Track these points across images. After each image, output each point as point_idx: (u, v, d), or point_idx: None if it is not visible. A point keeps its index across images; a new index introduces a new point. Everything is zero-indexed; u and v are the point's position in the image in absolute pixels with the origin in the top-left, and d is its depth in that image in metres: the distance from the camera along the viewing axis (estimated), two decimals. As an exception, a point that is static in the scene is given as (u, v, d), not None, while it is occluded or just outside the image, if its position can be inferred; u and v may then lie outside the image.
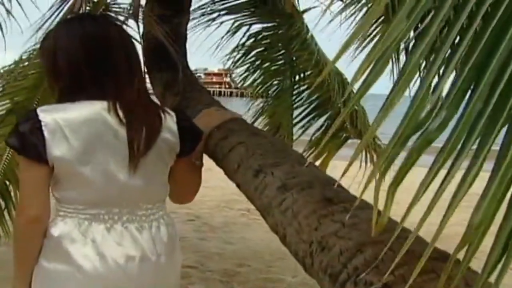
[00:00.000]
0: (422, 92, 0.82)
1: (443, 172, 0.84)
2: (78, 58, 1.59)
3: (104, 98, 1.58)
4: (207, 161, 1.97)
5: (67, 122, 1.54)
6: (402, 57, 2.78)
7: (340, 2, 3.62)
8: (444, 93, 0.83)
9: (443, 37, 0.82)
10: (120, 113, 1.57)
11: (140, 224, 1.64)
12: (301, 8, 4.01)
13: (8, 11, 3.22)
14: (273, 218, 1.46)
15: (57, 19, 2.87)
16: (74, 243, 1.58)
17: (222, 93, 65.55)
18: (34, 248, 1.61)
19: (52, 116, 1.54)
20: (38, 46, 3.34)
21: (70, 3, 2.85)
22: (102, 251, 1.58)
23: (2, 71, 3.74)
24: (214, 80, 77.00)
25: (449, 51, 0.83)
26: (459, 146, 0.81)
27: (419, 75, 0.92)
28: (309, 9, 3.81)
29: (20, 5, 3.29)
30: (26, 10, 3.35)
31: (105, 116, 1.57)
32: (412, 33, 0.92)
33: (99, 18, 1.85)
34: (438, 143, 0.85)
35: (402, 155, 0.87)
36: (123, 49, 1.65)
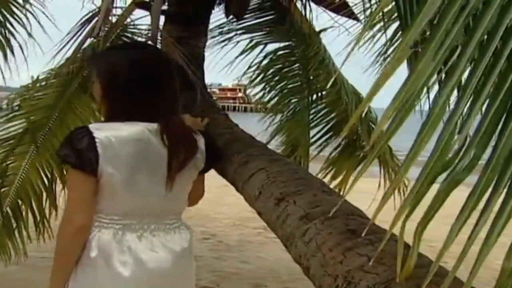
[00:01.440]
0: (448, 131, 0.79)
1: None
2: (135, 81, 1.71)
3: (153, 120, 1.71)
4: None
5: (118, 140, 1.66)
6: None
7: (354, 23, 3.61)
8: (471, 132, 0.80)
9: (468, 76, 0.79)
10: (165, 135, 1.70)
11: (166, 231, 1.77)
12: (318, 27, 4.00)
13: (30, 34, 3.25)
14: (296, 249, 1.43)
15: (76, 42, 2.89)
16: (112, 252, 1.69)
17: (237, 108, 65.61)
18: (75, 256, 1.71)
19: (105, 134, 1.67)
20: (54, 67, 3.37)
21: (89, 26, 2.87)
22: (139, 256, 1.69)
23: (18, 91, 3.76)
24: (228, 95, 77.01)
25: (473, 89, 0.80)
26: (490, 189, 0.78)
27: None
28: (326, 29, 3.79)
29: (41, 25, 3.31)
30: (46, 31, 3.38)
31: (150, 136, 1.70)
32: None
33: (151, 47, 2.14)
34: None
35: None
36: (171, 77, 1.79)
